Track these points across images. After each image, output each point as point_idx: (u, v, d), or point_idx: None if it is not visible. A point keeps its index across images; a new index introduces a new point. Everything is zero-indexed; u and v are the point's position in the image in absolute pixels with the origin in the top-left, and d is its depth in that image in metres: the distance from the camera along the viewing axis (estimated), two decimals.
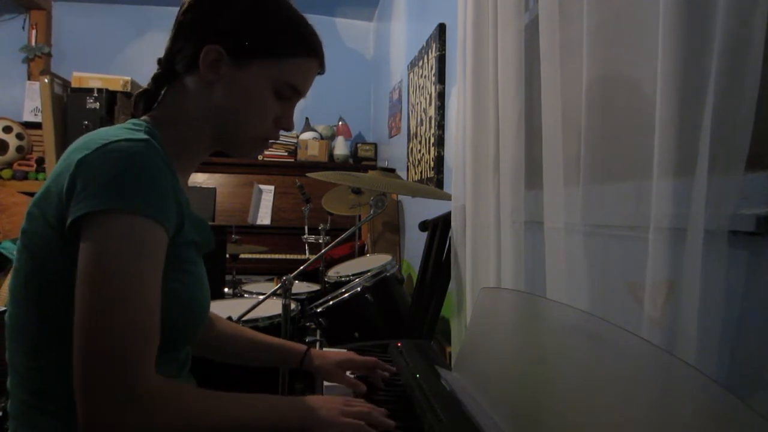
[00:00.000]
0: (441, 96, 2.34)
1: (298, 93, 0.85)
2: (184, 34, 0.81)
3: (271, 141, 0.89)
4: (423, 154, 2.64)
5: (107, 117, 3.70)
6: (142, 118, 0.82)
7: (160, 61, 0.84)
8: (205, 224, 0.83)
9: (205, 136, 0.84)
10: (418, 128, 2.76)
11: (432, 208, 2.13)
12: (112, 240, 0.64)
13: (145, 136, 0.71)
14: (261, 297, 1.64)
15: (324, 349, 1.27)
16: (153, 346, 0.66)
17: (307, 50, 0.84)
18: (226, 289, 2.66)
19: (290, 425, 0.74)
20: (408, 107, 3.09)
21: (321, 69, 0.89)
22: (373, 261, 2.30)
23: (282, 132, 0.89)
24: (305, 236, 2.97)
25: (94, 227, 0.64)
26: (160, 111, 0.84)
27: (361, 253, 3.07)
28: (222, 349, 1.03)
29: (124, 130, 0.73)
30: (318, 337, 1.84)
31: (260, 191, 3.69)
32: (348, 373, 1.03)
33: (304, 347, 1.06)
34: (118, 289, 0.63)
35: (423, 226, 1.77)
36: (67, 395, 0.70)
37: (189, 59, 0.80)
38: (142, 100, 0.86)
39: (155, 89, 0.86)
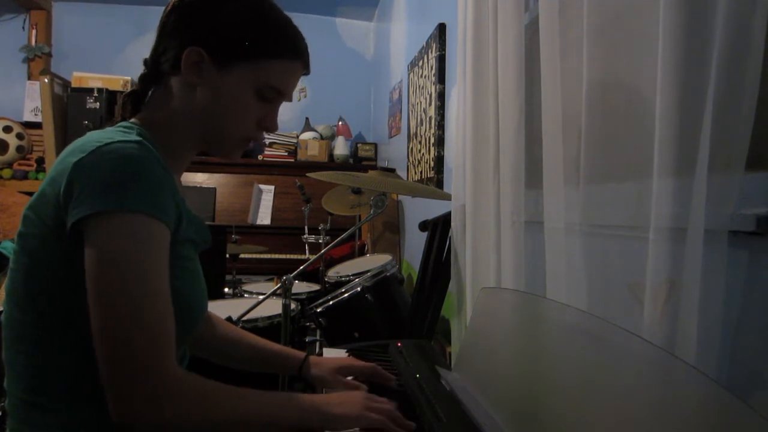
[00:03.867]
0: (441, 96, 2.34)
1: (281, 95, 0.85)
2: (167, 35, 0.81)
3: (258, 141, 0.89)
4: (423, 154, 2.64)
5: (107, 117, 3.70)
6: (131, 120, 0.83)
7: (146, 62, 0.85)
8: (202, 222, 0.84)
9: (191, 137, 0.84)
10: (418, 128, 2.76)
11: (432, 208, 2.13)
12: (117, 241, 0.65)
13: (138, 138, 0.72)
14: (261, 297, 1.64)
15: (324, 349, 1.27)
16: (171, 340, 0.68)
17: (289, 52, 0.83)
18: (226, 289, 2.66)
19: (312, 422, 0.75)
20: (408, 107, 3.09)
21: (305, 70, 0.88)
22: (373, 261, 2.30)
23: (282, 132, 0.89)
24: (305, 236, 2.97)
25: (98, 229, 0.65)
26: (147, 113, 0.84)
27: (361, 253, 3.07)
28: (222, 352, 1.03)
29: (116, 132, 0.73)
30: (318, 337, 1.84)
31: (260, 191, 3.69)
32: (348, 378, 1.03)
33: (302, 354, 1.05)
34: (131, 290, 0.65)
35: (423, 226, 1.77)
36: (66, 392, 0.71)
37: (172, 60, 0.80)
38: (129, 101, 0.86)
39: (142, 90, 0.86)
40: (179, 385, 0.66)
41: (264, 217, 3.76)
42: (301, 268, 1.57)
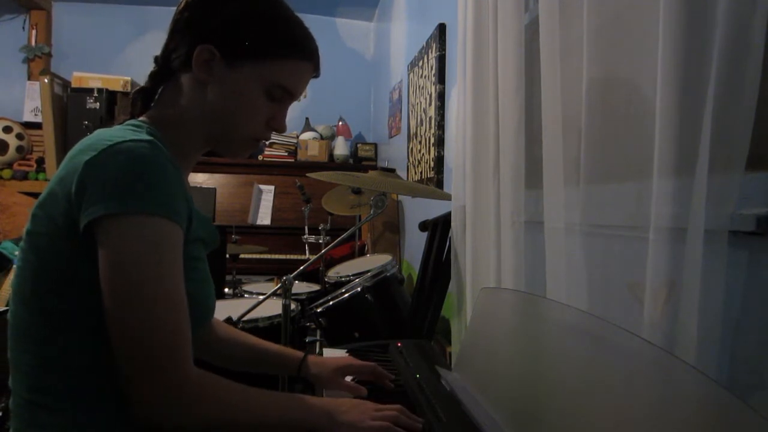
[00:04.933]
0: (441, 96, 2.34)
1: (291, 95, 0.85)
2: (179, 32, 0.81)
3: (266, 141, 0.90)
4: (423, 154, 2.64)
5: (107, 117, 3.70)
6: (140, 118, 0.82)
7: (156, 59, 0.85)
8: (210, 222, 0.85)
9: (200, 135, 0.84)
10: (418, 128, 2.76)
11: (432, 208, 2.14)
12: (131, 243, 0.66)
13: (149, 137, 0.71)
14: (261, 297, 1.64)
15: (324, 349, 1.27)
16: (189, 342, 0.69)
17: (300, 53, 0.84)
18: (226, 289, 2.66)
19: (318, 425, 0.76)
20: (408, 107, 3.09)
21: (315, 72, 0.88)
22: (373, 261, 2.30)
23: (281, 132, 0.89)
24: (305, 236, 2.97)
25: (111, 231, 0.65)
26: (157, 110, 0.84)
27: (361, 253, 3.07)
28: (221, 353, 1.03)
29: (127, 131, 0.73)
30: (318, 337, 1.84)
31: (260, 191, 3.69)
32: (348, 378, 1.03)
33: (301, 354, 1.05)
34: (147, 293, 0.65)
35: (423, 226, 1.77)
36: (72, 392, 0.71)
37: (184, 58, 0.80)
38: (140, 98, 0.86)
39: (152, 87, 0.86)
40: (198, 387, 0.68)
41: (264, 217, 3.76)
42: (301, 268, 1.57)
